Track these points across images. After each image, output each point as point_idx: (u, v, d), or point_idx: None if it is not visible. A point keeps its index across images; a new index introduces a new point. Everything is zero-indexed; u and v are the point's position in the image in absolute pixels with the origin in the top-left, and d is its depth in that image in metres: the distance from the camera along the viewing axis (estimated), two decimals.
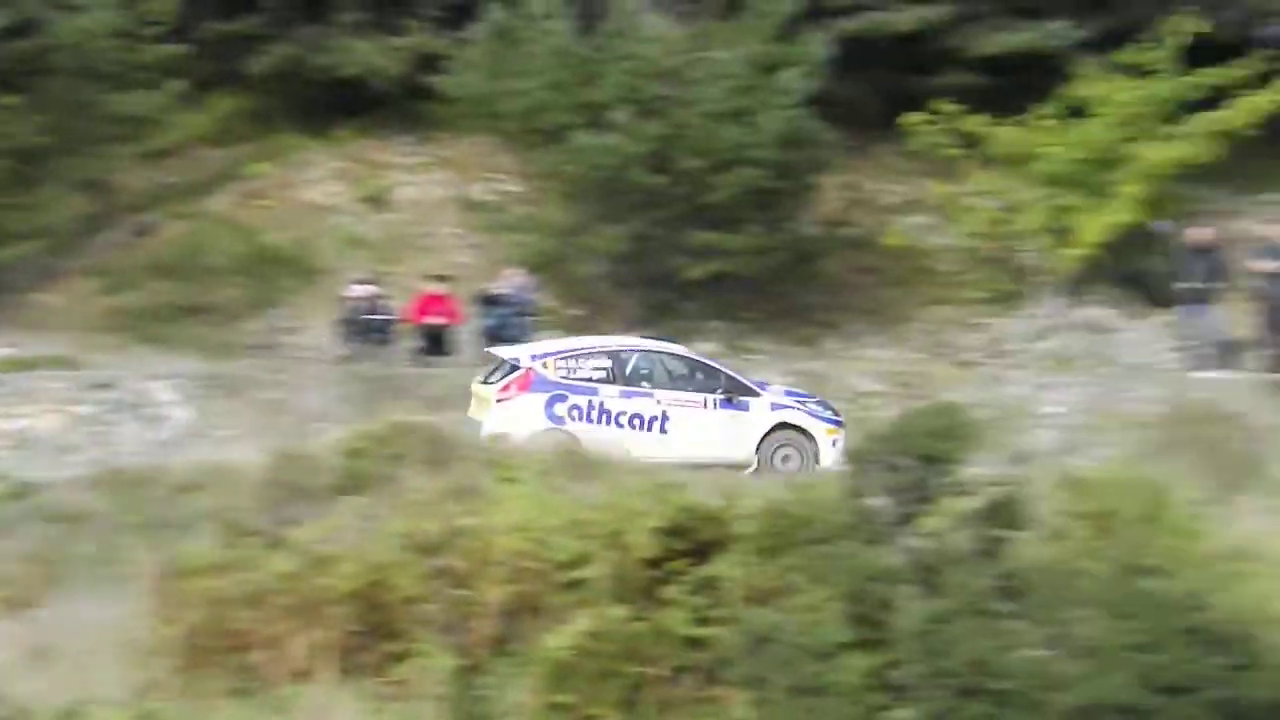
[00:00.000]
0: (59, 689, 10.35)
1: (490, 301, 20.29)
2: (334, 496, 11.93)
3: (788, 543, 10.47)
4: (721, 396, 16.00)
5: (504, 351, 16.88)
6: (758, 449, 15.78)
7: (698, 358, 16.79)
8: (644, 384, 15.98)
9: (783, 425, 15.90)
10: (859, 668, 9.70)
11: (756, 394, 16.11)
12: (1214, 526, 10.81)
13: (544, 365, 15.94)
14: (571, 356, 16.10)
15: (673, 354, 16.55)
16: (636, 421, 15.74)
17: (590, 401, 15.71)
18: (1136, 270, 21.59)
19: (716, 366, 16.58)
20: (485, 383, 16.23)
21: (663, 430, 15.75)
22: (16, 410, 18.33)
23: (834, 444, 15.70)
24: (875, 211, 23.76)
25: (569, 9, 21.97)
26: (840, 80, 21.66)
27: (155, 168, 24.28)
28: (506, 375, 16.02)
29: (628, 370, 16.05)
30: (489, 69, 22.16)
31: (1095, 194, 21.32)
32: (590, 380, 15.87)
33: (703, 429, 15.78)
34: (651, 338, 17.52)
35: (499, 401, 15.73)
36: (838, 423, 16.06)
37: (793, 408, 16.12)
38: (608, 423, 15.64)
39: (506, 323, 19.84)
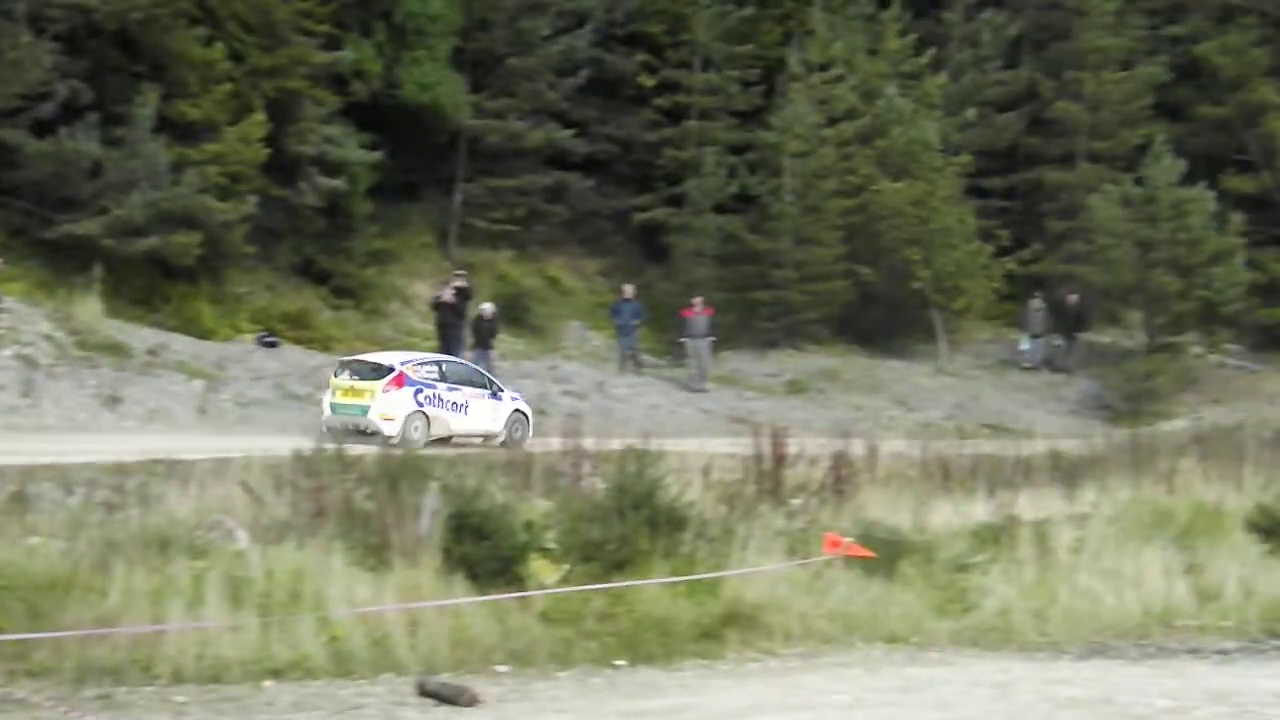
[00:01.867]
0: None
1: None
2: None
3: None
4: (490, 392, 23.88)
5: (374, 357, 24.01)
6: (504, 424, 23.57)
7: (476, 367, 25.10)
8: (455, 383, 23.46)
9: (517, 410, 23.98)
10: None
11: (503, 391, 24.18)
12: None
13: (410, 368, 23.12)
14: (419, 363, 23.66)
15: (465, 364, 24.96)
16: (454, 406, 23.17)
17: (434, 393, 23.00)
18: None
19: (484, 372, 24.79)
20: (353, 379, 22.76)
21: (466, 412, 23.30)
22: None
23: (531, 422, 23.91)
24: None
25: None
26: None
27: None
28: (382, 375, 22.67)
29: (447, 373, 23.61)
30: None
31: None
32: (430, 379, 23.15)
33: (484, 412, 23.59)
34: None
35: (385, 391, 22.44)
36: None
37: (519, 399, 24.33)
38: (443, 407, 23.03)
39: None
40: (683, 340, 30.86)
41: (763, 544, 13.10)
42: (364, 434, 21.65)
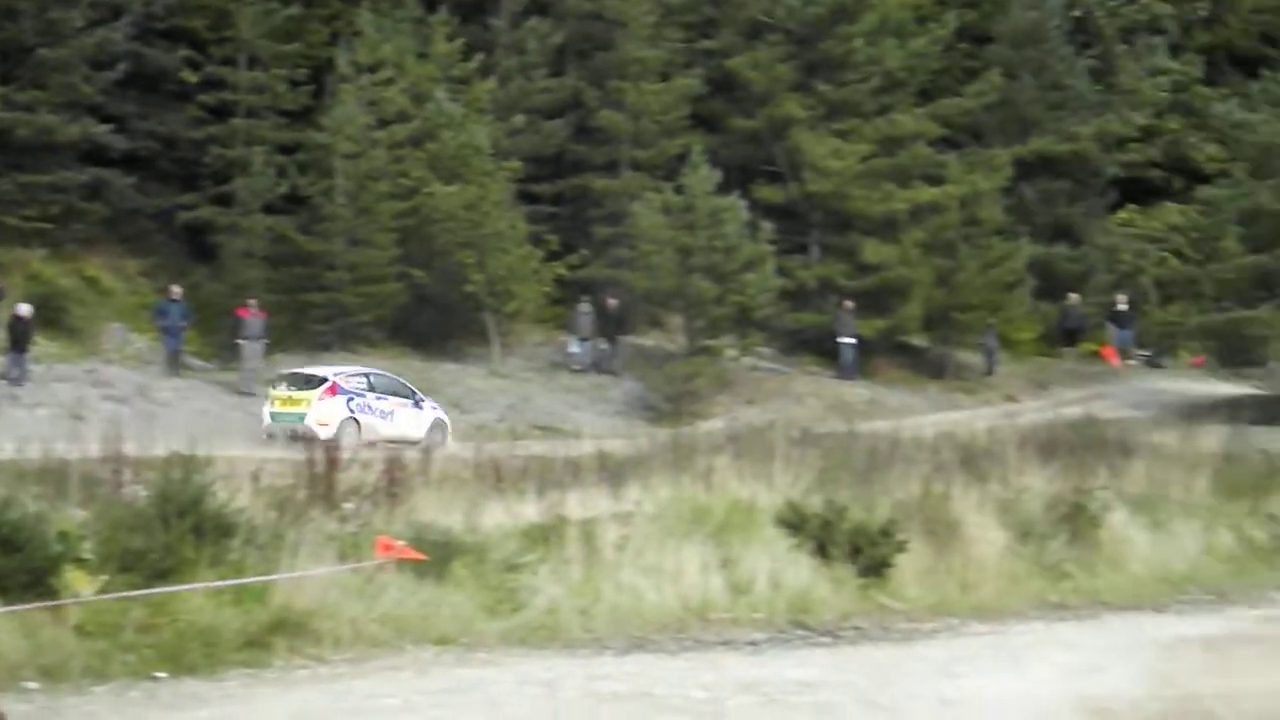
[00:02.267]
0: None
1: None
2: None
3: None
4: (413, 401, 26.76)
5: (309, 370, 27.12)
6: (426, 432, 25.77)
7: (399, 379, 27.71)
8: (383, 393, 26.41)
9: (437, 418, 26.82)
10: None
11: (424, 401, 27.05)
12: None
13: (342, 379, 26.17)
14: (350, 375, 26.63)
15: (390, 376, 27.56)
16: (381, 414, 25.90)
17: (365, 402, 25.94)
18: None
19: (408, 384, 27.46)
20: (291, 389, 25.86)
21: (392, 420, 25.94)
22: None
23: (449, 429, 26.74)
24: None
25: None
26: None
27: None
28: (316, 385, 25.80)
29: (374, 385, 26.61)
30: None
31: None
32: (360, 389, 26.18)
33: (409, 420, 26.22)
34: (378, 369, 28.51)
35: (320, 400, 25.49)
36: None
37: (438, 409, 27.18)
38: (372, 414, 25.75)
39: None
40: (239, 341, 30.17)
41: (314, 549, 12.96)
42: (302, 439, 21.83)
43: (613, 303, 34.63)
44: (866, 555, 15.56)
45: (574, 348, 34.79)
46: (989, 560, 16.72)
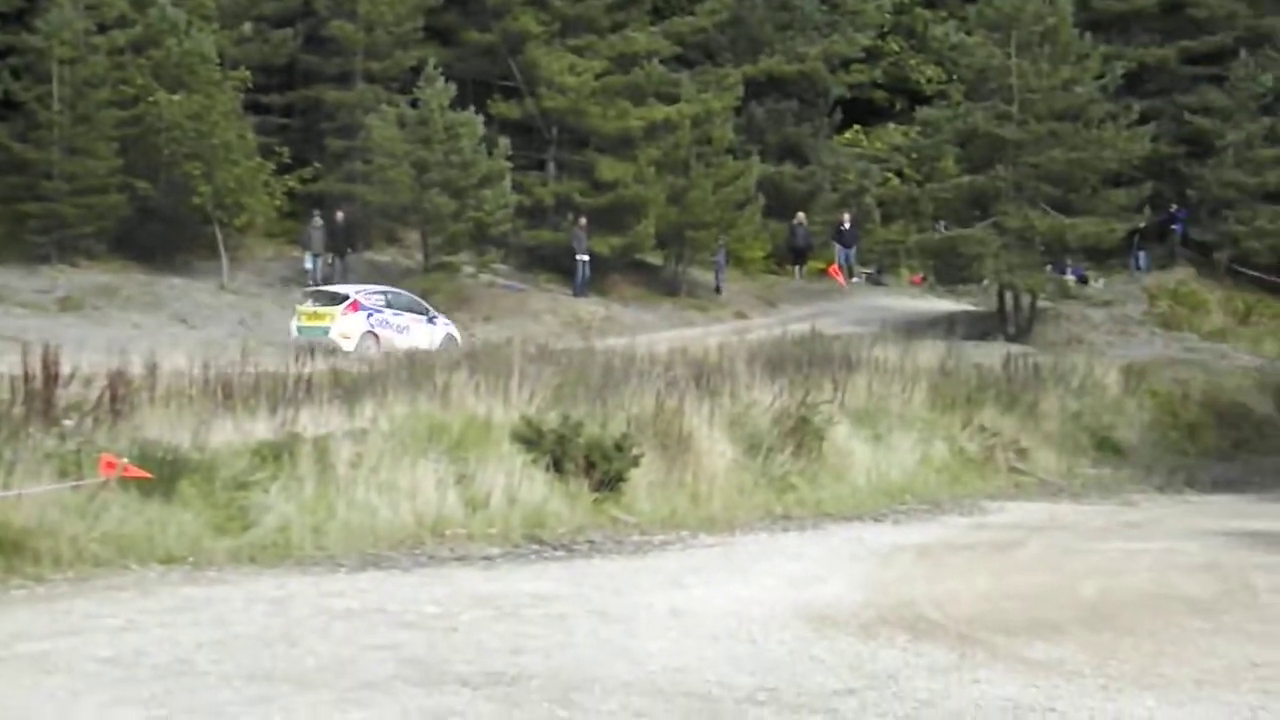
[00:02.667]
0: None
1: None
2: None
3: None
4: (428, 317, 29.00)
5: (332, 288, 29.54)
6: (439, 344, 27.21)
7: (416, 297, 29.80)
8: (399, 309, 28.60)
9: (449, 334, 28.90)
10: None
11: (438, 318, 29.27)
12: None
13: (363, 296, 28.27)
14: (371, 293, 28.75)
15: (406, 294, 29.77)
16: (398, 328, 27.93)
17: (383, 318, 28.07)
18: None
19: (422, 301, 29.66)
20: (316, 305, 28.01)
21: (408, 334, 27.82)
22: None
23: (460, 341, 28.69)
24: None
25: None
26: None
27: None
28: (339, 302, 27.86)
29: (392, 302, 28.78)
30: None
31: None
32: (379, 305, 28.33)
33: (422, 334, 28.15)
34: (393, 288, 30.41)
35: (343, 315, 27.49)
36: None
37: (450, 325, 29.47)
38: (390, 329, 27.81)
39: None
40: None
41: (31, 467, 12.55)
42: (327, 350, 24.14)
43: (341, 216, 34.13)
44: (601, 470, 15.80)
45: (308, 263, 34.22)
46: (719, 473, 17.15)
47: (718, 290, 37.86)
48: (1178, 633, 11.08)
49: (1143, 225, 36.36)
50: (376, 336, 27.30)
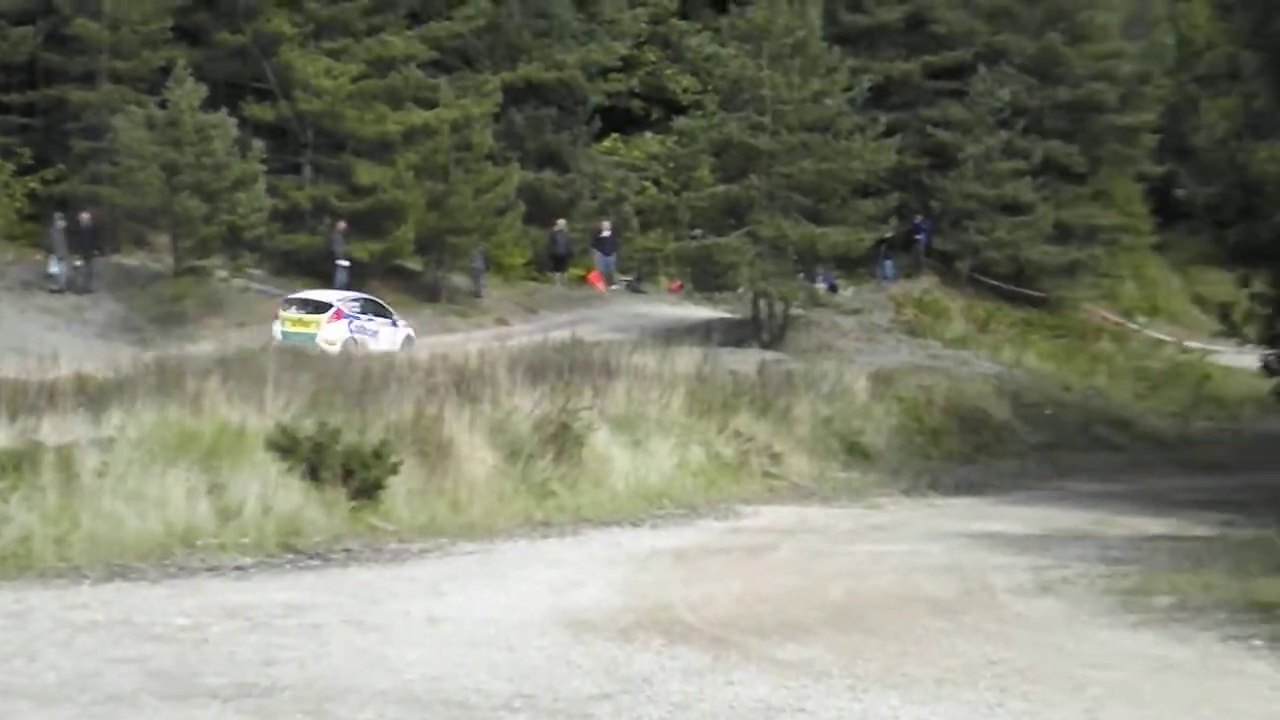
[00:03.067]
0: None
1: None
2: None
3: None
4: (392, 321, 31.10)
5: (313, 296, 31.02)
6: (400, 344, 29.63)
7: (381, 302, 31.97)
8: (371, 315, 30.77)
9: (408, 335, 31.04)
10: None
11: (398, 321, 31.27)
12: None
13: (344, 305, 30.39)
14: (349, 301, 30.87)
15: (375, 300, 31.92)
16: (371, 333, 30.06)
17: (360, 323, 30.14)
18: None
19: (386, 306, 31.83)
20: (300, 312, 29.85)
21: (377, 337, 29.95)
22: None
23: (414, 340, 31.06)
24: None
25: None
26: None
27: None
28: (322, 310, 29.93)
29: (364, 309, 30.79)
30: None
31: None
32: (356, 312, 30.43)
33: (389, 336, 30.38)
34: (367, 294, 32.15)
35: (329, 323, 29.47)
36: None
37: (408, 327, 31.56)
38: (365, 334, 29.81)
39: None
40: None
41: None
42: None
43: (85, 217, 33.10)
44: (359, 477, 15.64)
45: (54, 267, 33.07)
46: (479, 480, 17.13)
47: (476, 295, 37.78)
48: (921, 633, 11.46)
49: (889, 235, 37.32)
50: (355, 341, 29.21)
